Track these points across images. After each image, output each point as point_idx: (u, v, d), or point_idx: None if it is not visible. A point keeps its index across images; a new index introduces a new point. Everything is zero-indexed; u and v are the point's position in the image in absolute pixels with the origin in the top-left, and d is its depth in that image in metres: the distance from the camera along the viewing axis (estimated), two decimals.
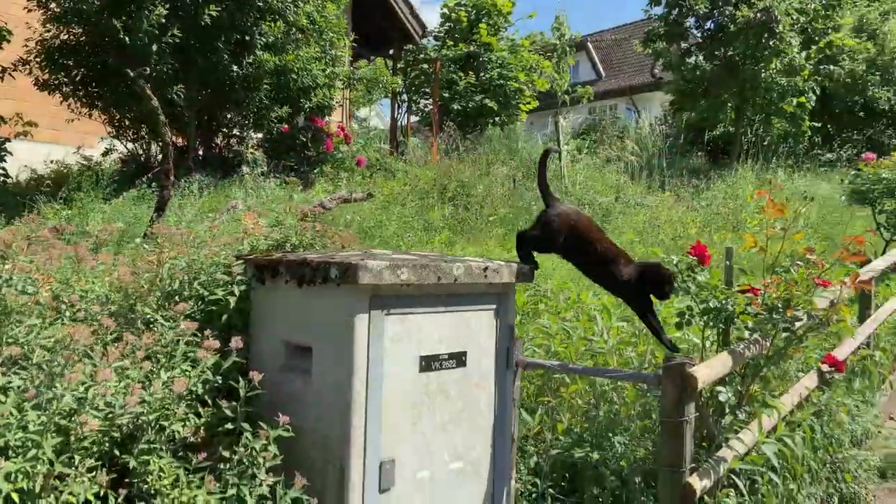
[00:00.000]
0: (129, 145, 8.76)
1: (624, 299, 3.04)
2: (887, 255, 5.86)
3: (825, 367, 3.84)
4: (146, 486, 2.19)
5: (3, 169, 7.31)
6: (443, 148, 11.52)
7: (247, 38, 8.05)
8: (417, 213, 7.78)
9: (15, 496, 1.92)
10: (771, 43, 11.37)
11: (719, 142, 14.42)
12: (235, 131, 9.32)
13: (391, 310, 2.45)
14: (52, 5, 7.17)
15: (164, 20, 6.59)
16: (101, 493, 2.09)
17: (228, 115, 9.02)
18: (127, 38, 6.47)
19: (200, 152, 9.06)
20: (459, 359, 2.69)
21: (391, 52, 15.06)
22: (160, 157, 8.87)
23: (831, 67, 14.35)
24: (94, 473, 2.09)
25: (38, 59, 7.52)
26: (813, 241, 6.39)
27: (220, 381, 2.43)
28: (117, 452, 2.21)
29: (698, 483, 2.67)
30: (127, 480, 2.21)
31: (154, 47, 6.85)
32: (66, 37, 7.57)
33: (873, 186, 7.36)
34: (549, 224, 2.88)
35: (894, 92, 16.17)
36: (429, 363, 2.58)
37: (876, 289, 5.61)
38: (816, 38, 13.65)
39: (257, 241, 2.95)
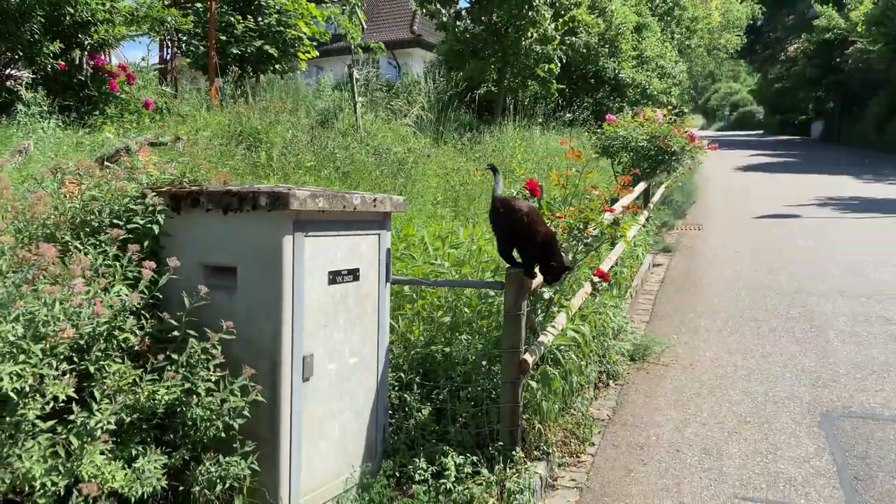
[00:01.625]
0: None
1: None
2: (632, 193, 7.48)
3: (596, 279, 5.04)
4: (105, 387, 2.48)
5: None
6: (229, 93, 11.34)
7: None
8: (222, 158, 7.83)
9: (13, 395, 2.14)
10: (529, 14, 12.95)
11: (484, 101, 15.99)
12: None
13: (308, 232, 2.94)
14: None
15: None
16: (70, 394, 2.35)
17: None
18: None
19: None
20: (355, 274, 3.27)
21: None
22: None
23: (573, 39, 16.61)
24: (66, 376, 2.34)
25: None
26: (568, 186, 7.71)
27: (160, 297, 2.74)
28: (76, 359, 2.45)
29: (530, 358, 3.60)
30: (85, 384, 2.47)
31: None
32: None
33: (613, 142, 9.13)
34: None
35: (618, 63, 19.19)
36: (334, 277, 3.13)
37: None
38: (563, 13, 15.68)
39: (159, 176, 3.18)
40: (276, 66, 14.35)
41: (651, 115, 9.50)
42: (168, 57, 14.45)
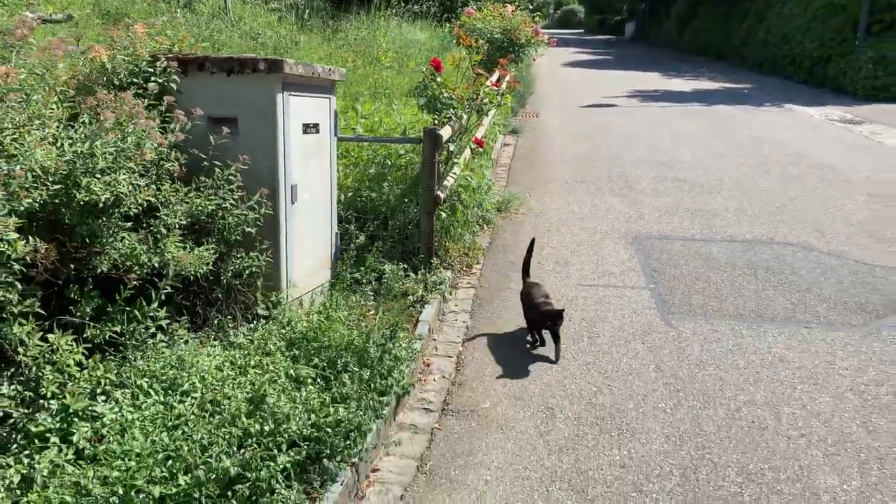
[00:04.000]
0: None
1: None
2: (508, 73, 8.79)
3: (473, 145, 6.38)
4: (162, 199, 3.41)
5: None
6: None
7: None
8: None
9: (123, 196, 3.05)
10: None
11: None
12: None
13: (291, 92, 3.93)
14: None
15: None
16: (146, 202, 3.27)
17: None
18: None
19: None
20: (317, 128, 4.30)
21: None
22: None
23: None
24: (146, 188, 3.25)
25: None
26: (460, 66, 8.59)
27: (190, 137, 3.62)
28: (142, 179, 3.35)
29: (441, 194, 4.90)
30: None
31: None
32: None
33: (472, 34, 10.30)
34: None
35: None
36: (306, 128, 4.16)
37: None
38: None
39: (156, 46, 3.94)
40: None
41: (502, 10, 10.75)
42: None
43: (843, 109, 14.14)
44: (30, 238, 2.75)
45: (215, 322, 3.78)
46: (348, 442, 2.86)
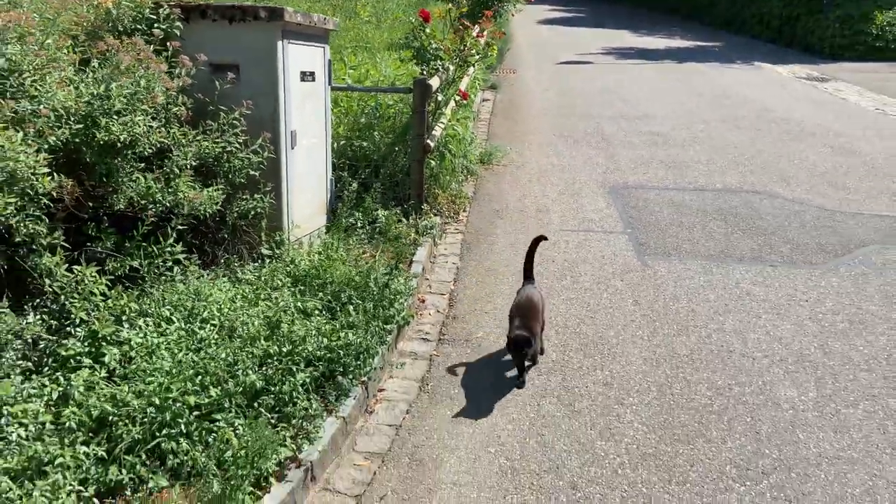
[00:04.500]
0: None
1: None
2: (490, 24, 8.91)
3: (457, 97, 6.57)
4: (172, 141, 3.57)
5: None
6: None
7: None
8: None
9: (140, 136, 3.21)
10: None
11: None
12: None
13: (290, 40, 4.07)
14: None
15: None
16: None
17: None
18: None
19: None
20: (313, 76, 4.46)
21: None
22: None
23: None
24: (157, 130, 3.41)
25: None
26: (447, 18, 8.59)
27: (195, 82, 3.77)
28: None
29: (431, 143, 5.11)
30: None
31: None
32: None
33: None
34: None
35: None
36: (303, 76, 4.31)
37: None
38: None
39: None
40: None
41: None
42: None
43: (809, 67, 14.52)
44: (55, 174, 2.92)
45: (222, 260, 3.98)
46: (358, 362, 3.13)
